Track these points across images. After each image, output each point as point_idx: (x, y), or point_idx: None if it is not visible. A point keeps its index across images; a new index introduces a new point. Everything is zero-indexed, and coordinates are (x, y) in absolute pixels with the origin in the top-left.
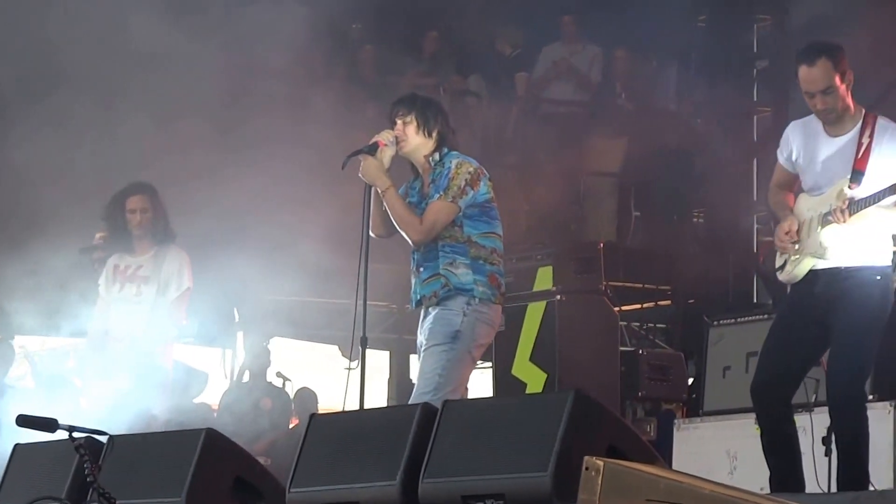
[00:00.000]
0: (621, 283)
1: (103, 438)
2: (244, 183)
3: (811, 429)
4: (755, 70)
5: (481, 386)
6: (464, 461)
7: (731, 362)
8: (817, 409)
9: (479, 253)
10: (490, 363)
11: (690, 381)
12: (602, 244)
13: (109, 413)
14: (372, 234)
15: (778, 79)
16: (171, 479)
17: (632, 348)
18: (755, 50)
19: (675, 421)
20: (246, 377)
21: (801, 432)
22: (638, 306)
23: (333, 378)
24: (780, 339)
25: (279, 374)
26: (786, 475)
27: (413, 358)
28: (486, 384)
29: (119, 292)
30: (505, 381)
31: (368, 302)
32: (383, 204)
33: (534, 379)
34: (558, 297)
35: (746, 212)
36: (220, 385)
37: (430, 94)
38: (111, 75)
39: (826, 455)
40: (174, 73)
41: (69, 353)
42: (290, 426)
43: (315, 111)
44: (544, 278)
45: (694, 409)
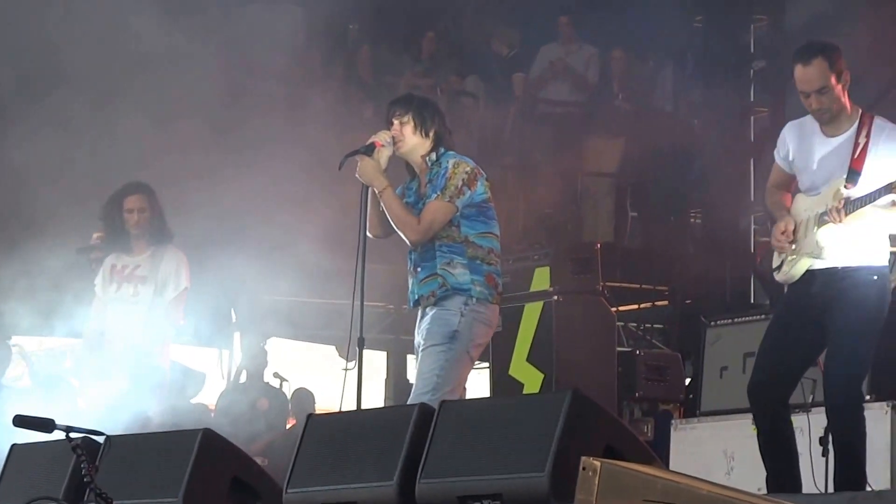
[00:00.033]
0: (618, 284)
1: (100, 439)
2: (242, 183)
3: (808, 429)
4: (752, 70)
5: (478, 386)
6: (461, 461)
7: (728, 363)
8: (814, 410)
9: (477, 253)
10: (487, 363)
11: (687, 381)
12: (599, 244)
13: (107, 413)
14: (369, 235)
15: (775, 79)
16: (168, 479)
17: (629, 349)
18: (752, 50)
19: (673, 421)
20: (243, 377)
21: (798, 433)
22: (635, 307)
23: (330, 378)
24: (777, 339)
25: (276, 375)
26: (783, 475)
27: (410, 358)
28: (484, 384)
29: (116, 292)
30: (502, 381)
31: (365, 302)
32: (380, 204)
33: (531, 379)
34: (555, 297)
35: (744, 212)
36: (217, 385)
37: (427, 94)
38: (110, 76)
39: (823, 455)
40: (172, 74)
41: (66, 353)
42: (288, 426)
43: (313, 111)
44: (541, 279)
45: (691, 410)
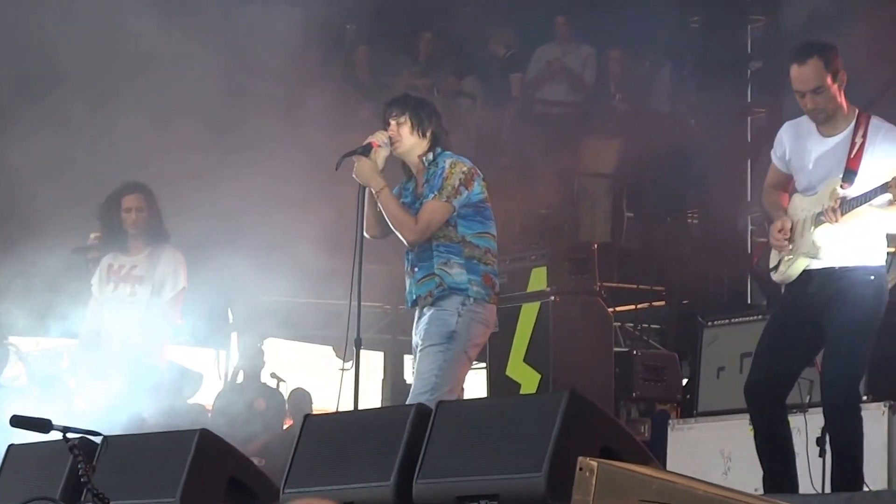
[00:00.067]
0: (615, 284)
1: (97, 439)
2: (239, 183)
3: (805, 429)
4: (749, 71)
5: (475, 386)
6: (458, 462)
7: (725, 363)
8: (811, 410)
9: (474, 253)
10: (484, 364)
11: (684, 381)
12: (596, 245)
13: (104, 414)
14: (366, 235)
15: (772, 80)
16: (165, 479)
17: (626, 349)
18: (749, 51)
19: (670, 421)
20: (240, 378)
21: (795, 433)
22: (632, 307)
23: (328, 379)
24: (775, 339)
25: (273, 375)
26: (779, 475)
27: (407, 358)
28: (481, 385)
29: (113, 292)
30: (499, 381)
31: (363, 303)
32: (378, 205)
33: (528, 380)
34: (552, 297)
35: (741, 213)
36: (214, 386)
37: (424, 95)
38: (108, 76)
39: (820, 456)
40: (170, 75)
41: (63, 353)
42: (285, 427)
43: (310, 112)
44: (538, 279)
45: (688, 410)
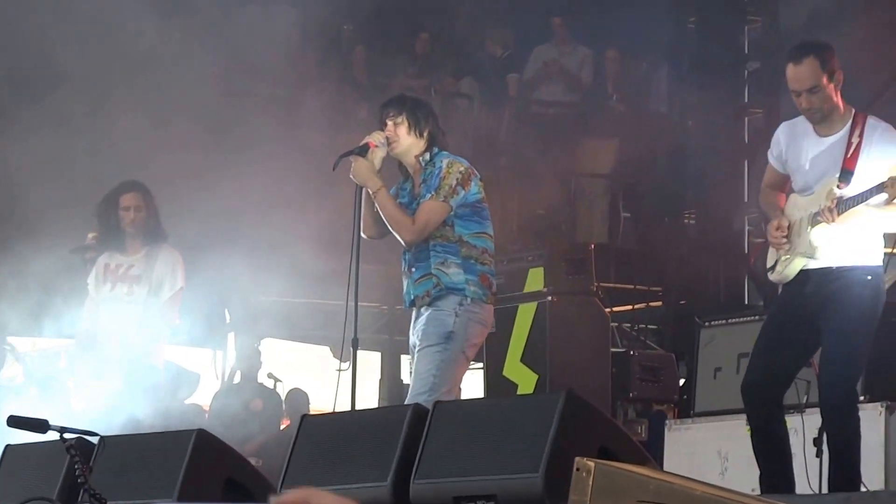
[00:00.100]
0: (613, 285)
1: (95, 439)
2: (236, 183)
3: (802, 430)
4: (746, 71)
5: (472, 387)
6: (455, 462)
7: (722, 363)
8: (808, 411)
9: (471, 253)
10: (481, 364)
11: (682, 382)
12: (593, 245)
13: (101, 414)
14: (364, 236)
15: (769, 80)
16: (162, 479)
17: (623, 349)
18: (746, 51)
19: (667, 422)
20: (237, 378)
21: (792, 433)
22: (629, 307)
23: (325, 379)
24: (772, 338)
25: (270, 376)
26: (776, 475)
27: (405, 359)
28: (478, 385)
29: (110, 291)
30: (496, 382)
31: (360, 303)
32: (375, 205)
33: (525, 380)
34: (549, 298)
35: (738, 213)
36: (211, 386)
37: (421, 95)
38: (105, 76)
39: (817, 456)
40: (168, 75)
41: (60, 353)
42: (282, 427)
43: (308, 112)
44: (535, 279)
45: (685, 410)
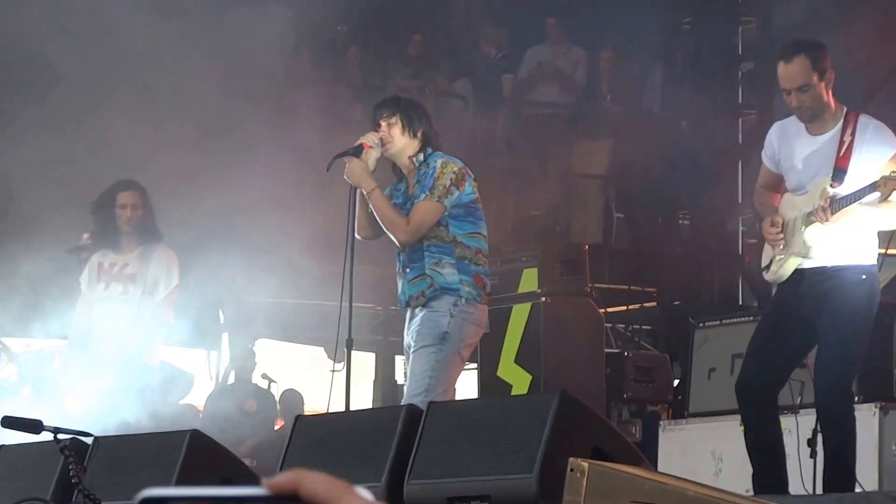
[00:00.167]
0: (607, 285)
1: (89, 440)
2: (230, 184)
3: (796, 430)
4: (740, 72)
5: (467, 387)
6: (449, 462)
7: (716, 364)
8: (802, 411)
9: (465, 253)
10: (475, 365)
11: (676, 382)
12: (587, 246)
13: (96, 414)
14: (358, 237)
15: (763, 81)
16: (156, 480)
17: (617, 350)
18: (740, 52)
19: (661, 422)
20: (231, 379)
21: (786, 434)
22: (623, 308)
23: (319, 380)
24: (766, 338)
25: (264, 376)
26: (770, 475)
27: (399, 359)
28: (472, 386)
29: (104, 291)
30: (490, 382)
31: (354, 304)
32: (369, 206)
33: (519, 381)
34: (543, 298)
35: (732, 214)
36: (205, 387)
37: (415, 96)
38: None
39: (811, 457)
40: (163, 76)
41: (55, 354)
42: (276, 428)
43: (302, 113)
44: (529, 280)
45: (679, 411)
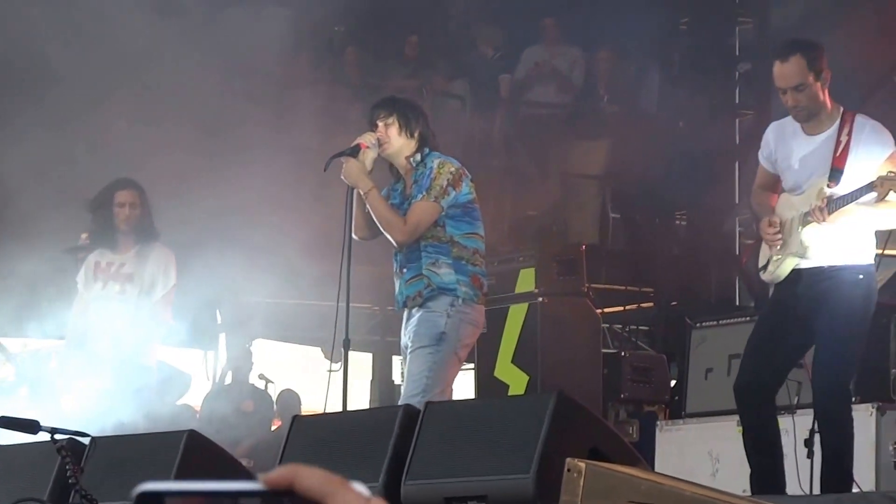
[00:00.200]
0: (604, 286)
1: (86, 440)
2: (227, 184)
3: (794, 431)
4: (737, 73)
5: (463, 388)
6: (446, 463)
7: (713, 364)
8: (800, 412)
9: (462, 253)
10: (472, 365)
11: (673, 383)
12: (584, 246)
13: (93, 414)
14: (355, 237)
15: (760, 81)
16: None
17: (614, 350)
18: (737, 52)
19: (658, 423)
20: (228, 379)
21: (783, 434)
22: (620, 308)
23: (316, 380)
24: (764, 338)
25: (261, 376)
26: (767, 475)
27: (396, 360)
28: (469, 386)
29: (101, 290)
30: (487, 383)
31: (351, 304)
32: (366, 206)
33: (516, 381)
34: (540, 299)
35: (729, 214)
36: (202, 387)
37: (412, 96)
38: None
39: (808, 457)
40: (162, 76)
41: (52, 354)
42: (273, 428)
43: (300, 113)
44: (526, 280)
45: (676, 411)
